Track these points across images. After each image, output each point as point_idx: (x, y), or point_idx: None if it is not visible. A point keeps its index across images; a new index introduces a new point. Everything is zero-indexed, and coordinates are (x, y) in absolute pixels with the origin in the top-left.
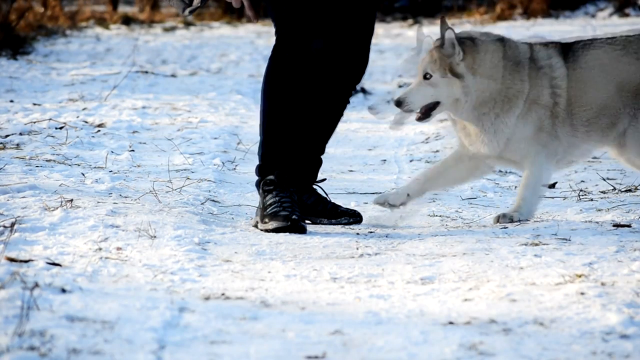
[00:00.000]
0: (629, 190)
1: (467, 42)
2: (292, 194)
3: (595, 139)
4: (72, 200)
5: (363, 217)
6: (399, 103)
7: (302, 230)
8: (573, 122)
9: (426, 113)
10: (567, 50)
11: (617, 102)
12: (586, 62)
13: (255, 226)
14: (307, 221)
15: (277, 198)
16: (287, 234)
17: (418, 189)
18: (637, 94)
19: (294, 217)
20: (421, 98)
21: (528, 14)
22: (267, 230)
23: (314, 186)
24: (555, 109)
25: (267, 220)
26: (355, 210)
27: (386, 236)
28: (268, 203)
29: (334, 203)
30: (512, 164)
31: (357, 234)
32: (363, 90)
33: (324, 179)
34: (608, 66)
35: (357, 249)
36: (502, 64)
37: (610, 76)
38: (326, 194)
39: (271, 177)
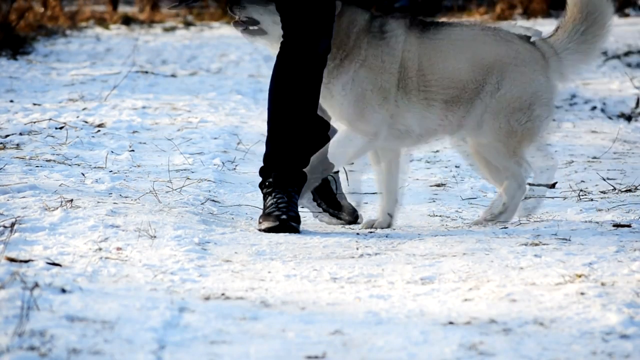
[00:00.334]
0: (629, 190)
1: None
2: (291, 195)
3: (440, 112)
4: (72, 200)
5: (363, 217)
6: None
7: (292, 230)
8: (419, 90)
9: (250, 30)
10: (427, 26)
11: (468, 78)
12: (440, 36)
13: None
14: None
15: (274, 200)
16: (287, 234)
17: (393, 204)
18: (488, 73)
19: (283, 217)
20: (258, 16)
21: (528, 14)
22: (260, 231)
23: (329, 177)
24: (399, 77)
25: (261, 220)
26: (354, 209)
27: (386, 236)
28: (267, 205)
29: (337, 196)
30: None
31: (357, 234)
32: None
33: (337, 171)
34: (461, 42)
35: (357, 249)
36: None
37: (462, 52)
38: (337, 187)
39: (270, 179)
